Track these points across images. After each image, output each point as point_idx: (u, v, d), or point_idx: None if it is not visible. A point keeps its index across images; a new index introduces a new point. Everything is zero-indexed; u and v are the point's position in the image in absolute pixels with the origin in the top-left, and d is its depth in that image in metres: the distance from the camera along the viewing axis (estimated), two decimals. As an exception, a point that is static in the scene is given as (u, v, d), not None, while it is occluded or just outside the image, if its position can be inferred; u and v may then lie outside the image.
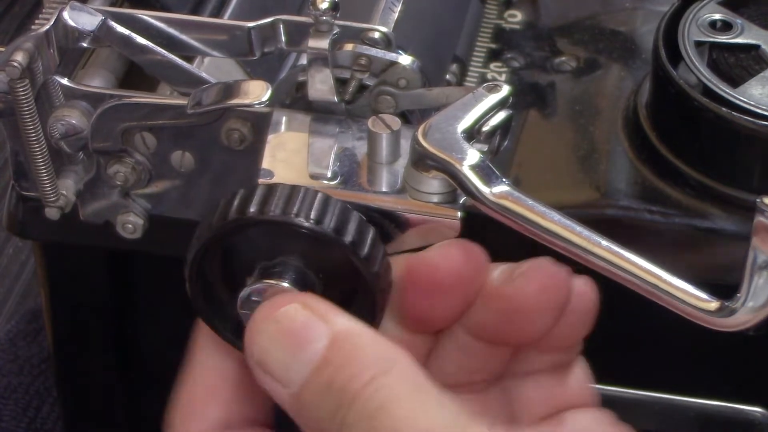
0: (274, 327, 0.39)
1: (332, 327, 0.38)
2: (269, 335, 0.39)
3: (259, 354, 0.39)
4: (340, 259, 0.41)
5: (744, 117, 0.45)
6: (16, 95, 0.45)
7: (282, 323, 0.39)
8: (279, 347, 0.39)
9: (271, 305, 0.40)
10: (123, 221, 0.49)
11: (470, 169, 0.42)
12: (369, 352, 0.38)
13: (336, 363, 0.38)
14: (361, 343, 0.38)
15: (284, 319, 0.39)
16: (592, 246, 0.41)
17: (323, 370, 0.38)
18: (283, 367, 0.39)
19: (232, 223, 0.41)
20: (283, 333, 0.39)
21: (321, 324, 0.39)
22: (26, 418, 0.65)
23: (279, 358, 0.39)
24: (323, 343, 0.38)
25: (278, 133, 0.46)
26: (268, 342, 0.39)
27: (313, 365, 0.38)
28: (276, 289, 0.41)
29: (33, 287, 0.97)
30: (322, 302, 0.39)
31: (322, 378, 0.38)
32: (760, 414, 0.50)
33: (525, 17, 0.57)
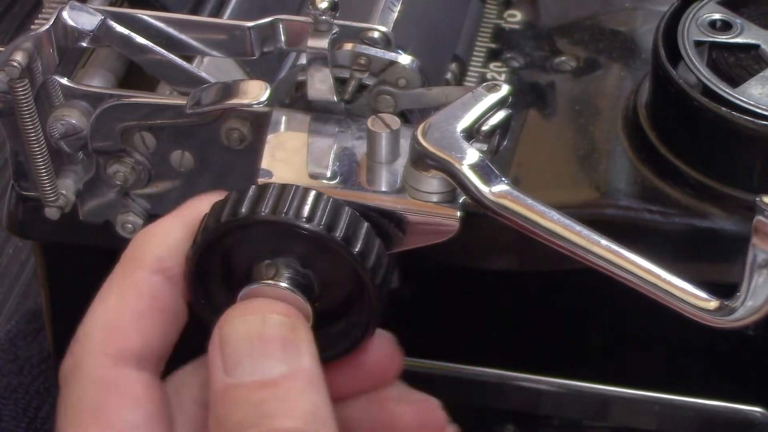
0: (258, 324, 0.40)
1: (298, 361, 0.39)
2: (249, 327, 0.40)
3: (229, 334, 0.40)
4: (335, 257, 0.41)
5: (744, 117, 0.45)
6: (15, 95, 0.45)
7: (267, 326, 0.40)
8: (248, 343, 0.40)
9: (267, 305, 0.40)
10: (123, 221, 0.49)
11: (470, 169, 0.41)
12: (308, 404, 0.39)
13: (278, 394, 0.39)
14: (309, 390, 0.39)
15: (271, 325, 0.40)
16: (592, 245, 0.41)
17: (264, 390, 0.39)
18: (236, 360, 0.39)
19: (226, 225, 0.41)
20: (260, 335, 0.40)
21: (292, 352, 0.40)
22: (26, 418, 0.65)
23: (239, 350, 0.39)
24: (281, 369, 0.39)
25: (278, 132, 0.46)
26: (243, 331, 0.40)
27: (260, 379, 0.39)
28: (275, 290, 0.41)
29: (33, 287, 0.97)
30: (306, 331, 0.40)
31: (256, 396, 0.39)
32: (760, 414, 0.50)
33: (525, 17, 0.57)
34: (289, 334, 0.40)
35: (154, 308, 0.42)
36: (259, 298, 0.41)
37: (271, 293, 0.41)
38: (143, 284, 0.42)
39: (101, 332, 0.42)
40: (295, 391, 0.39)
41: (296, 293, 0.41)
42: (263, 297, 0.41)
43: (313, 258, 0.42)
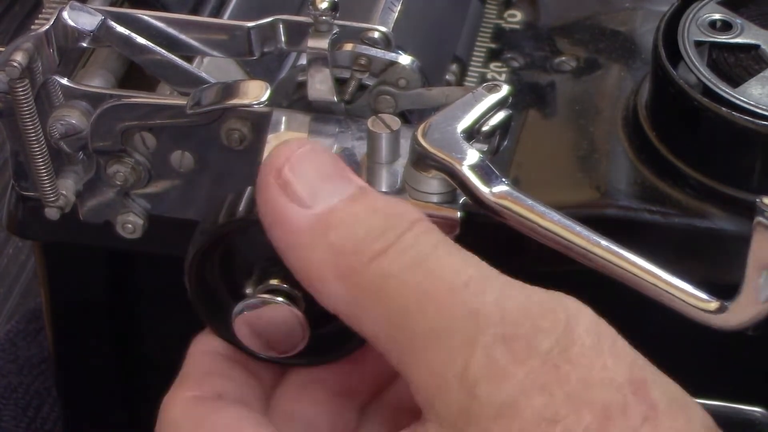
0: (312, 153, 0.38)
1: (357, 180, 0.39)
2: (303, 155, 0.38)
3: (289, 171, 0.38)
4: None
5: (744, 117, 0.45)
6: (15, 95, 0.45)
7: (321, 154, 0.38)
8: (312, 169, 0.38)
9: (313, 145, 0.39)
10: (123, 221, 0.49)
11: (470, 169, 0.41)
12: (399, 204, 0.38)
13: (368, 202, 0.37)
14: (384, 196, 0.38)
15: (324, 155, 0.39)
16: (592, 246, 0.41)
17: (364, 196, 0.37)
18: (309, 188, 0.37)
19: (223, 226, 0.41)
20: (321, 160, 0.38)
21: (347, 172, 0.39)
22: (26, 418, 0.65)
23: (309, 178, 0.38)
24: (358, 183, 0.38)
25: (278, 132, 0.46)
26: (301, 162, 0.38)
27: (349, 193, 0.37)
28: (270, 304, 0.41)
29: (33, 287, 0.97)
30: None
31: (366, 202, 0.37)
32: (760, 414, 0.50)
33: (525, 17, 0.57)
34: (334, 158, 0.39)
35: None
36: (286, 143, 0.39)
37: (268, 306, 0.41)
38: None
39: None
40: (377, 196, 0.38)
41: (291, 307, 0.41)
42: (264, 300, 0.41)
43: None
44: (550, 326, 0.36)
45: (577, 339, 0.36)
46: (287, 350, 0.42)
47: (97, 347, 0.57)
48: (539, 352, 0.35)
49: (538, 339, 0.35)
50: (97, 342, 0.57)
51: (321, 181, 0.38)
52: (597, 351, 0.36)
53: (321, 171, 0.38)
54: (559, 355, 0.35)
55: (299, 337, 0.42)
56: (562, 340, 0.36)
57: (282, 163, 0.38)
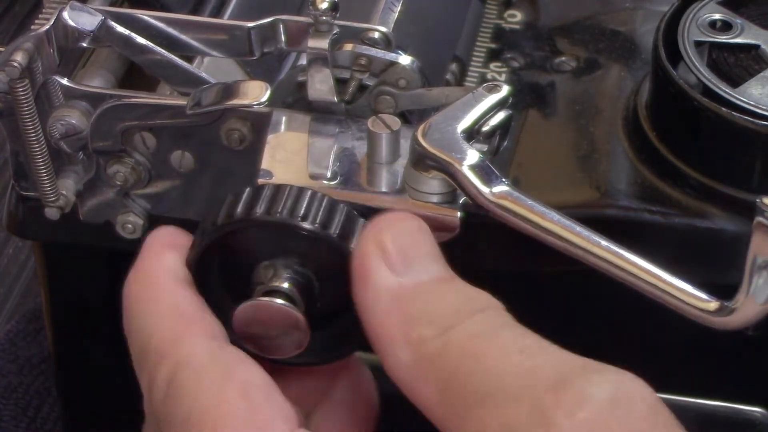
0: (417, 230, 0.40)
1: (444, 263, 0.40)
2: (408, 229, 0.40)
3: (391, 239, 0.39)
4: (332, 254, 0.41)
5: (744, 117, 0.45)
6: (15, 95, 0.45)
7: (425, 233, 0.40)
8: (413, 244, 0.39)
9: (420, 223, 0.41)
10: (123, 221, 0.49)
11: (470, 169, 0.42)
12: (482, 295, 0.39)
13: (459, 287, 0.39)
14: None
15: (428, 235, 0.40)
16: (592, 246, 0.41)
17: (451, 280, 0.39)
18: (407, 261, 0.39)
19: (222, 227, 0.41)
20: (423, 239, 0.40)
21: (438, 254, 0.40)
22: (26, 418, 0.65)
23: (407, 251, 0.39)
24: (449, 269, 0.39)
25: (278, 133, 0.46)
26: (404, 234, 0.39)
27: (439, 275, 0.39)
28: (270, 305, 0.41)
29: (33, 287, 0.97)
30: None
31: (451, 284, 0.38)
32: (760, 414, 0.50)
33: (525, 17, 0.57)
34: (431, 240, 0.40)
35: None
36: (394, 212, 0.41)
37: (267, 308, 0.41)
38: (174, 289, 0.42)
39: (178, 326, 0.41)
40: (462, 282, 0.39)
41: (291, 308, 0.41)
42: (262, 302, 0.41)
43: (311, 256, 0.42)
44: (605, 384, 0.35)
45: (633, 406, 0.35)
46: (287, 351, 0.42)
47: (97, 347, 0.57)
48: (591, 406, 0.34)
49: (591, 393, 0.35)
50: (97, 342, 0.57)
51: (417, 257, 0.39)
52: (652, 422, 0.35)
53: (419, 249, 0.40)
54: (612, 414, 0.35)
55: (299, 339, 0.42)
56: (617, 400, 0.35)
57: (387, 227, 0.40)
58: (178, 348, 0.40)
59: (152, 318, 0.41)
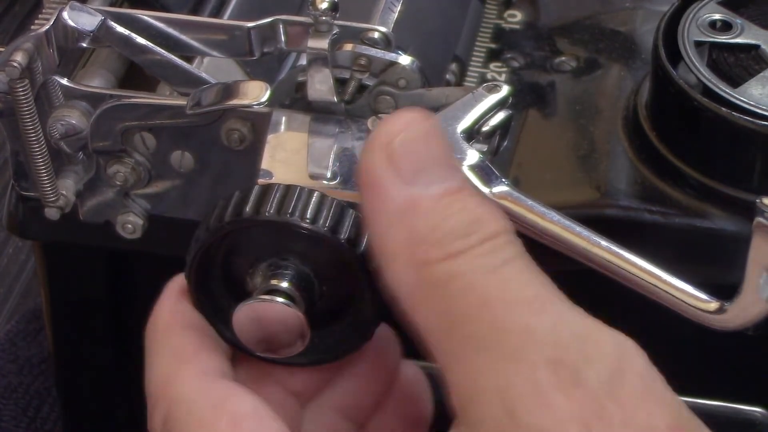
0: (429, 133, 0.37)
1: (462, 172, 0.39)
2: (420, 132, 0.37)
3: (400, 143, 0.37)
4: (338, 258, 0.41)
5: (744, 117, 0.45)
6: (15, 95, 0.45)
7: (436, 137, 0.38)
8: (424, 149, 0.37)
9: (433, 124, 0.38)
10: (123, 221, 0.49)
11: (470, 170, 0.41)
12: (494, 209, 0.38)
13: (474, 200, 0.37)
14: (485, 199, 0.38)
15: (439, 139, 0.38)
16: (592, 246, 0.41)
17: (461, 192, 0.37)
18: (417, 169, 0.37)
19: (229, 224, 0.41)
20: (435, 143, 0.37)
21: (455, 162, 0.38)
22: (26, 418, 0.65)
23: (417, 157, 0.37)
24: (461, 177, 0.38)
25: (278, 133, 0.46)
26: (416, 139, 0.37)
27: (449, 185, 0.37)
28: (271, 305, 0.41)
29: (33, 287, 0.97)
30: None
31: (461, 198, 0.37)
32: (760, 414, 0.50)
33: (525, 17, 0.57)
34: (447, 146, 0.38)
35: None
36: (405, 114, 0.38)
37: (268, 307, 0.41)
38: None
39: (173, 368, 0.41)
40: (473, 195, 0.37)
41: (291, 307, 0.41)
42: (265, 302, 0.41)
43: (315, 258, 0.42)
44: (601, 361, 0.35)
45: (627, 381, 0.35)
46: (287, 351, 0.42)
47: (97, 347, 0.57)
48: (586, 385, 0.34)
49: (586, 371, 0.35)
50: (97, 342, 0.57)
51: (428, 164, 0.37)
52: (645, 397, 0.35)
53: (431, 154, 0.37)
54: (606, 393, 0.34)
55: (299, 338, 0.42)
56: (612, 377, 0.35)
57: (397, 132, 0.37)
58: (169, 389, 0.40)
59: (152, 363, 0.42)
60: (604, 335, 0.36)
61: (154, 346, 0.42)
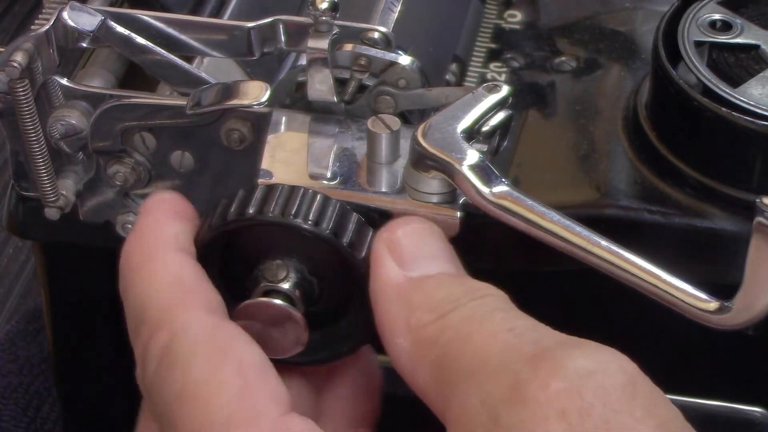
0: (431, 234, 0.41)
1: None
2: (423, 230, 0.41)
3: (402, 235, 0.40)
4: (339, 261, 0.41)
5: (744, 117, 0.45)
6: (15, 95, 0.45)
7: (439, 239, 0.41)
8: (420, 239, 0.40)
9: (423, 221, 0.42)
10: (123, 221, 0.49)
11: (470, 170, 0.41)
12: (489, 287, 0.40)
13: (463, 281, 0.40)
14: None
15: (442, 241, 0.41)
16: (592, 246, 0.41)
17: (458, 275, 0.40)
18: (413, 257, 0.40)
19: (232, 223, 0.41)
20: (436, 243, 0.41)
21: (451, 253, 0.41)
22: (26, 418, 0.65)
23: (417, 250, 0.40)
24: (459, 268, 0.41)
25: (278, 133, 0.46)
26: (417, 234, 0.41)
27: (446, 270, 0.40)
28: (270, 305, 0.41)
29: (33, 287, 0.97)
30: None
31: (456, 277, 0.40)
32: (760, 414, 0.50)
33: (525, 17, 0.57)
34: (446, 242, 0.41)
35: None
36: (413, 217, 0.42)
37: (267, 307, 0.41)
38: (177, 259, 0.41)
39: (177, 296, 0.40)
40: (468, 277, 0.40)
41: (290, 308, 0.41)
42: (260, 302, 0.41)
43: (316, 260, 0.42)
44: (582, 356, 0.35)
45: (609, 375, 0.35)
46: (286, 351, 0.42)
47: (97, 347, 0.57)
48: (565, 375, 0.35)
49: (566, 364, 0.35)
50: (97, 342, 0.57)
51: (425, 254, 0.40)
52: (630, 395, 0.35)
53: (428, 247, 0.41)
54: (586, 384, 0.35)
55: (298, 338, 0.42)
56: (593, 371, 0.35)
57: (399, 226, 0.41)
58: (174, 318, 0.39)
59: (150, 286, 0.41)
60: (590, 342, 0.36)
61: (148, 267, 0.41)
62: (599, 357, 0.36)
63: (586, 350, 0.36)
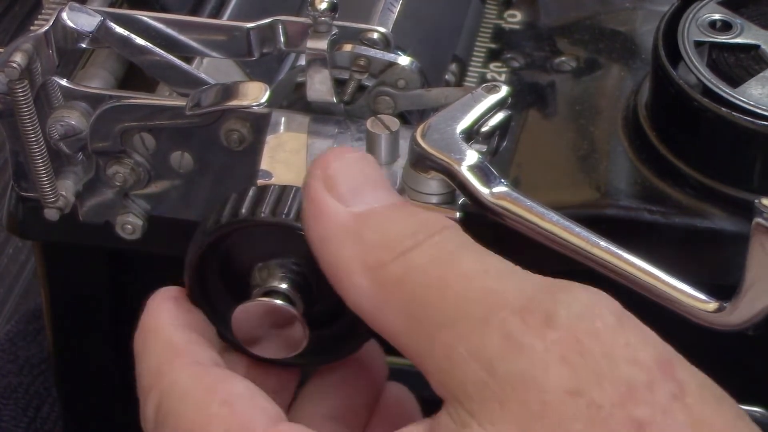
0: (362, 161, 0.39)
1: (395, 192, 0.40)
2: (353, 160, 0.39)
3: (336, 169, 0.38)
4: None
5: (744, 117, 0.45)
6: (15, 96, 0.45)
7: (370, 164, 0.40)
8: (359, 174, 0.39)
9: (364, 155, 0.41)
10: (122, 222, 0.49)
11: (469, 170, 0.41)
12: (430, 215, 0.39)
13: (411, 210, 0.38)
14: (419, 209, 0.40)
15: (374, 166, 0.40)
16: (591, 246, 0.41)
17: (403, 205, 0.39)
18: (353, 189, 0.38)
19: (225, 226, 0.41)
20: (369, 169, 0.39)
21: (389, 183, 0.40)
22: (26, 418, 0.65)
23: (354, 181, 0.38)
24: (399, 196, 0.39)
25: (277, 133, 0.46)
26: (350, 165, 0.39)
27: (389, 201, 0.38)
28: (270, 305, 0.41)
29: (33, 287, 0.97)
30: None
31: (404, 209, 0.38)
32: (759, 414, 0.50)
33: (525, 17, 0.57)
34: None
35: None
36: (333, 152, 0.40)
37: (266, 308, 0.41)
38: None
39: (166, 359, 0.41)
40: (414, 205, 0.40)
41: (289, 308, 0.41)
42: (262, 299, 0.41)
43: (312, 259, 0.42)
44: (571, 301, 0.35)
45: (598, 316, 0.35)
46: (286, 351, 0.42)
47: (97, 347, 0.57)
48: (559, 324, 0.35)
49: (558, 312, 0.35)
50: (97, 342, 0.57)
51: (365, 186, 0.39)
52: (620, 329, 0.35)
53: (366, 178, 0.39)
54: (580, 329, 0.35)
55: (298, 339, 0.42)
56: (583, 314, 0.35)
57: (331, 160, 0.39)
58: (162, 378, 0.40)
59: (143, 359, 0.42)
60: (572, 284, 0.36)
61: (145, 344, 0.42)
62: (586, 299, 0.35)
63: (572, 294, 0.36)
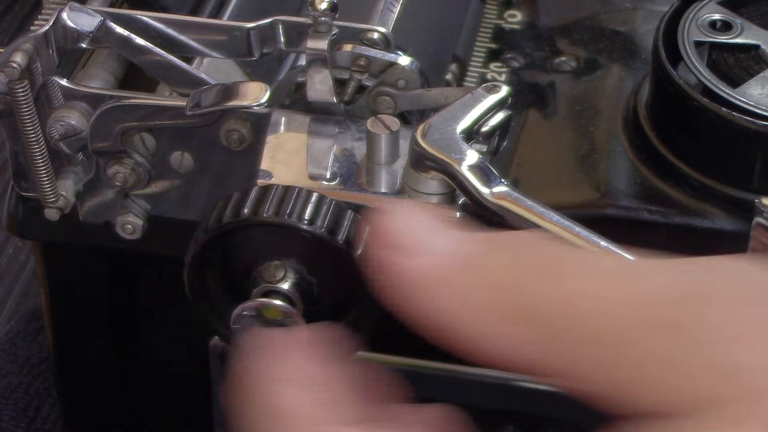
0: (417, 209, 0.35)
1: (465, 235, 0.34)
2: (406, 213, 0.34)
3: (393, 221, 0.34)
4: (336, 260, 0.41)
5: (744, 117, 0.45)
6: (15, 96, 0.45)
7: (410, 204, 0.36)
8: (415, 222, 0.34)
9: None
10: (122, 222, 0.49)
11: (469, 170, 0.41)
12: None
13: (480, 251, 0.33)
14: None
15: (427, 211, 0.35)
16: (592, 246, 0.41)
17: (497, 242, 0.34)
18: (415, 241, 0.33)
19: (227, 225, 0.41)
20: (424, 210, 0.35)
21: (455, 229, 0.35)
22: (26, 418, 0.65)
23: (415, 232, 0.33)
24: (459, 244, 0.34)
25: (277, 133, 0.46)
26: (403, 217, 0.34)
27: (452, 251, 0.33)
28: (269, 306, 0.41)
29: (33, 287, 0.97)
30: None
31: (497, 240, 0.34)
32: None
33: (525, 17, 0.57)
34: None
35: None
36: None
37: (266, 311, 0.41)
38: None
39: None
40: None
41: (289, 309, 0.41)
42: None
43: (313, 260, 0.42)
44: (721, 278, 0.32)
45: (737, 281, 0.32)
46: (287, 351, 0.42)
47: (97, 347, 0.57)
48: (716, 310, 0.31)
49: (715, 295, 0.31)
50: (97, 342, 0.57)
51: (427, 230, 0.34)
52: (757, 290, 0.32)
53: (425, 221, 0.34)
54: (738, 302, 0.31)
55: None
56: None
57: (380, 225, 0.34)
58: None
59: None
60: (700, 260, 0.33)
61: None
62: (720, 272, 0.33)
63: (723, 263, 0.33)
